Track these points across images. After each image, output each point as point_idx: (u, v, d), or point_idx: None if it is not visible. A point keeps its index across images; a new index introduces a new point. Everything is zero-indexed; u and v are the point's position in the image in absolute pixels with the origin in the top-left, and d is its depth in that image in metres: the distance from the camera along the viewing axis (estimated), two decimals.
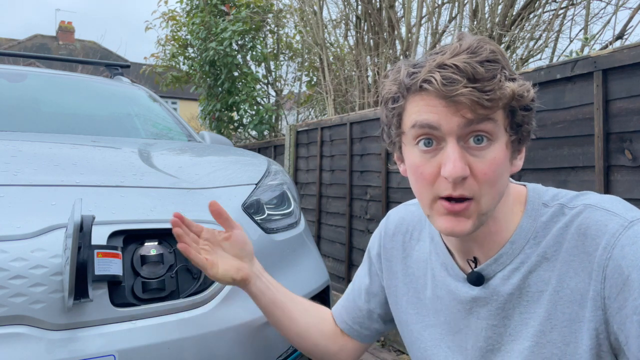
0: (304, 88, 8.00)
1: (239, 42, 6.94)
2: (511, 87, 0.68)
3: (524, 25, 4.70)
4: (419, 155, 0.73)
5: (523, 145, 0.76)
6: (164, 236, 1.19)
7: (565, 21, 4.68)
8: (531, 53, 4.87)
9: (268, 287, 1.05)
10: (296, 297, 1.09)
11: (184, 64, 7.95)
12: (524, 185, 0.83)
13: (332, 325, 1.07)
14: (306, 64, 7.60)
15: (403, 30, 5.37)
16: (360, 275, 1.06)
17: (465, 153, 0.70)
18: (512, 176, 0.82)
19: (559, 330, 0.72)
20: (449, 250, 0.85)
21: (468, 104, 0.67)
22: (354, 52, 6.11)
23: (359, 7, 6.00)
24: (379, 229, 1.02)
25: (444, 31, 5.14)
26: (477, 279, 0.79)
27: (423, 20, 5.17)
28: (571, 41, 4.61)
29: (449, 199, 0.71)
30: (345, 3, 6.19)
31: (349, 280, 3.72)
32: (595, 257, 0.69)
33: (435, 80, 0.67)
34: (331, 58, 6.30)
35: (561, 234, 0.74)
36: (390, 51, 5.48)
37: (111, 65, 3.34)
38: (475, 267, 0.80)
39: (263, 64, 7.50)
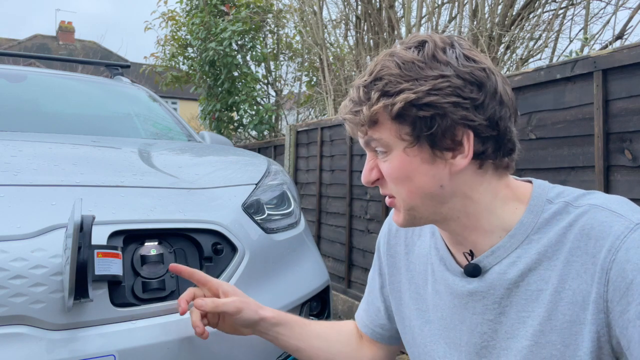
0: (304, 88, 8.00)
1: (239, 42, 6.94)
2: (375, 108, 0.74)
3: (524, 25, 4.70)
4: None
5: (451, 143, 0.74)
6: (164, 236, 1.19)
7: (565, 21, 4.69)
8: (531, 53, 4.87)
9: (276, 337, 1.05)
10: (314, 329, 1.07)
11: (183, 64, 7.95)
12: (530, 181, 0.82)
13: (356, 341, 1.07)
14: (306, 64, 7.60)
15: (403, 30, 5.37)
16: (373, 276, 1.06)
17: (378, 159, 0.80)
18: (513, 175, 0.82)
19: (558, 332, 0.72)
20: (447, 246, 0.86)
21: (353, 127, 0.78)
22: (353, 52, 6.11)
23: (359, 7, 6.00)
24: (384, 227, 1.03)
25: (443, 31, 5.14)
26: (473, 271, 0.79)
27: (423, 20, 5.17)
28: (571, 41, 4.61)
29: None
30: (345, 3, 6.19)
31: (349, 280, 3.72)
32: (599, 260, 0.68)
33: (343, 105, 0.80)
34: (331, 58, 6.30)
35: (564, 233, 0.73)
36: None
37: (111, 66, 3.34)
38: (472, 259, 0.81)
39: (263, 64, 7.50)
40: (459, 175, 0.76)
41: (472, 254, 0.81)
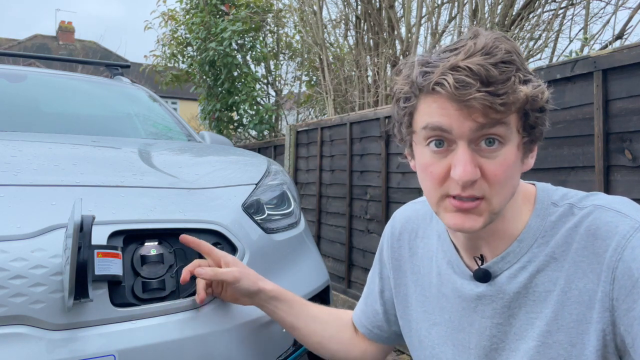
0: (304, 88, 8.00)
1: (239, 42, 6.95)
2: (524, 92, 0.67)
3: (524, 25, 4.71)
4: (430, 155, 0.73)
5: (535, 144, 0.76)
6: (164, 236, 1.19)
7: (565, 21, 4.69)
8: (531, 53, 4.87)
9: (274, 311, 1.09)
10: (311, 311, 1.10)
11: (183, 62, 7.95)
12: (533, 184, 0.83)
13: (351, 332, 1.08)
14: (306, 64, 7.60)
15: (403, 30, 5.37)
16: (373, 279, 1.06)
17: (476, 155, 0.70)
18: None
19: (565, 331, 0.72)
20: (456, 248, 0.85)
21: (480, 109, 0.66)
22: (353, 52, 6.12)
23: (359, 7, 6.00)
24: (386, 230, 1.03)
25: (443, 31, 5.14)
26: (483, 276, 0.79)
27: (423, 20, 5.17)
28: (571, 41, 4.62)
29: (457, 196, 0.72)
30: (345, 3, 6.19)
31: (349, 280, 3.72)
32: (605, 259, 0.69)
33: (448, 83, 0.66)
34: (331, 58, 6.30)
35: (570, 234, 0.73)
36: (390, 51, 5.48)
37: (111, 65, 3.34)
38: (482, 264, 0.80)
39: (263, 64, 7.51)
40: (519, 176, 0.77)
41: (482, 258, 0.81)
